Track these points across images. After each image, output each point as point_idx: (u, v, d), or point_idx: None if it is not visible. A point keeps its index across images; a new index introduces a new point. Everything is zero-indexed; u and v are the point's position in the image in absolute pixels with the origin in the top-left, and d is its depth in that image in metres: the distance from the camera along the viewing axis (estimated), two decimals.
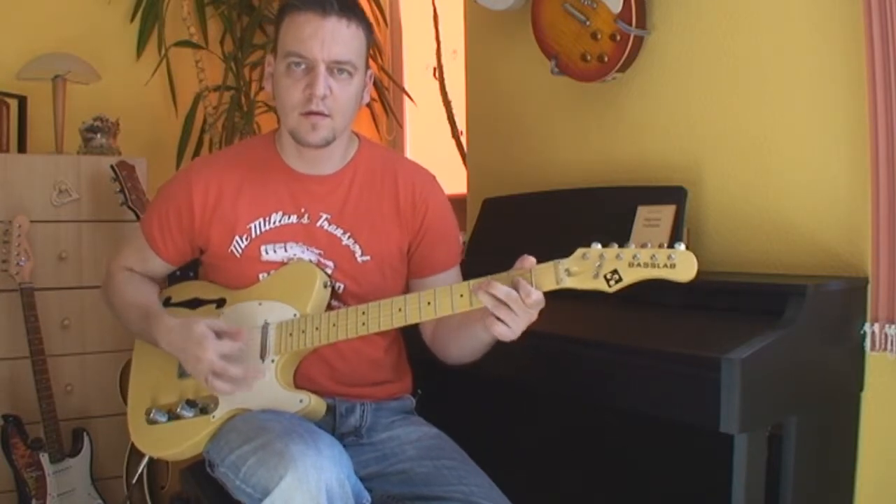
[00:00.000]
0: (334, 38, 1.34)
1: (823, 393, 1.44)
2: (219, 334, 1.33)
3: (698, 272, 1.15)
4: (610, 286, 1.17)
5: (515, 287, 1.21)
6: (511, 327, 1.23)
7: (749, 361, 1.22)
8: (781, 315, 1.33)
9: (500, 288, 1.21)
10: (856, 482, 1.51)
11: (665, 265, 1.14)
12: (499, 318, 1.22)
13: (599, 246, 1.18)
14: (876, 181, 1.43)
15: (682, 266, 1.13)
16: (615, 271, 1.16)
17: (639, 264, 1.15)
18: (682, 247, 1.14)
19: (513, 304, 1.21)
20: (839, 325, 1.45)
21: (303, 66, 1.36)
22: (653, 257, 1.15)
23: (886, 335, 1.41)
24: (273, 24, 3.08)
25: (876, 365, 1.47)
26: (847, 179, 1.54)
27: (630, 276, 1.16)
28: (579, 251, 1.20)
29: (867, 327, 1.45)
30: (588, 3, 1.87)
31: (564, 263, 1.20)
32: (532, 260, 1.23)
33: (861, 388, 1.49)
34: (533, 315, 1.23)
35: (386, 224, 1.48)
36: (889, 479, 1.49)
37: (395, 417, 1.52)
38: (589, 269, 1.18)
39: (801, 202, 1.62)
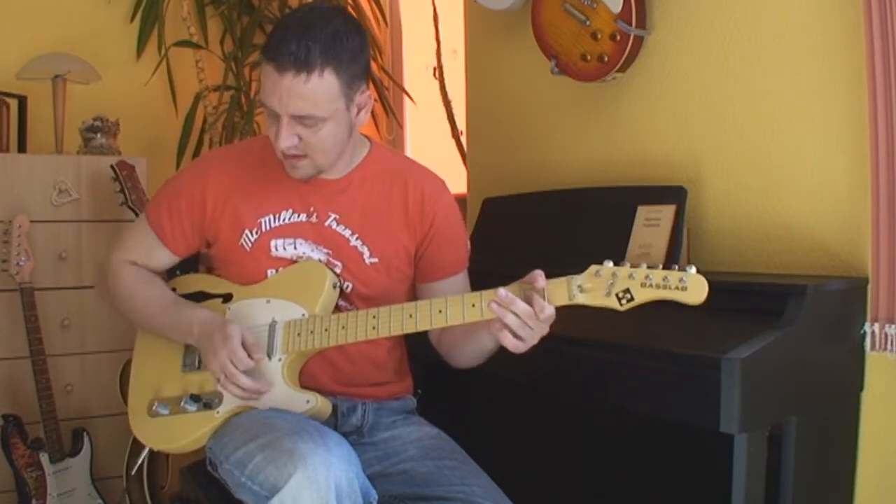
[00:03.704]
0: (290, 94, 1.29)
1: (823, 393, 1.44)
2: (244, 343, 1.34)
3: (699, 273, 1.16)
4: (621, 305, 1.19)
5: (529, 301, 1.22)
6: (523, 341, 1.24)
7: (749, 361, 1.22)
8: (781, 315, 1.34)
9: (515, 302, 1.22)
10: (856, 482, 1.51)
11: (677, 287, 1.16)
12: (512, 332, 1.23)
13: (611, 264, 1.20)
14: (876, 181, 1.43)
15: (694, 289, 1.16)
16: (627, 290, 1.19)
17: (651, 285, 1.18)
18: (693, 270, 1.16)
19: (526, 319, 1.22)
20: (839, 325, 1.45)
21: (272, 112, 1.33)
22: (665, 279, 1.17)
23: (886, 335, 1.42)
24: (273, 23, 3.08)
25: (876, 365, 1.47)
26: (847, 179, 1.54)
27: (641, 296, 1.18)
28: (592, 268, 1.22)
29: (867, 327, 1.45)
30: (588, 2, 1.87)
31: (577, 280, 1.22)
32: (543, 279, 1.23)
33: (861, 388, 1.49)
34: (545, 329, 1.25)
35: (394, 227, 1.48)
36: (889, 479, 1.49)
37: (396, 417, 1.52)
38: (601, 286, 1.20)
39: (801, 202, 1.62)
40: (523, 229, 2.04)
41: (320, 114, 1.32)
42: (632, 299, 1.19)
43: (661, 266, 1.19)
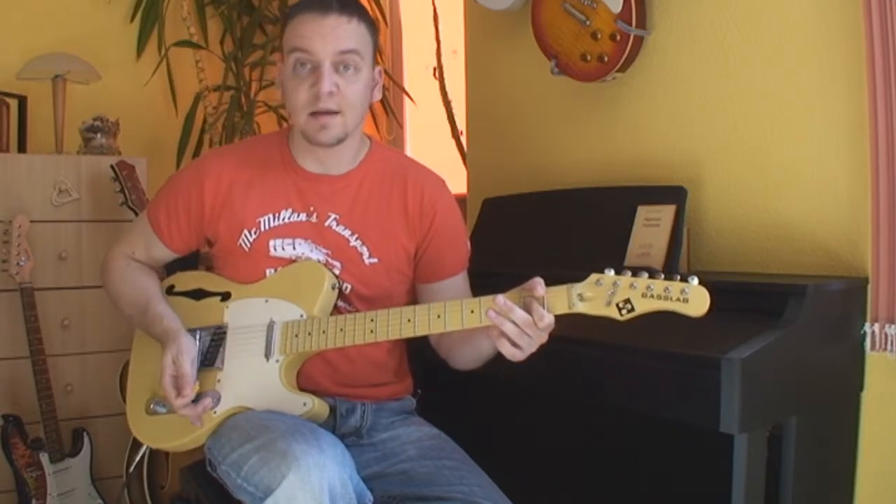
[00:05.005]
0: (335, 33, 1.35)
1: (823, 393, 1.44)
2: (175, 377, 1.36)
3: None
4: (622, 315, 1.18)
5: (528, 310, 1.21)
6: (521, 349, 1.23)
7: (749, 361, 1.22)
8: (781, 315, 1.33)
9: (513, 310, 1.21)
10: (856, 482, 1.51)
11: (678, 299, 1.15)
12: (509, 340, 1.23)
13: (613, 272, 1.19)
14: (876, 181, 1.43)
15: (695, 301, 1.14)
16: (628, 300, 1.17)
17: (652, 296, 1.16)
18: (695, 281, 1.15)
19: (525, 327, 1.21)
20: (839, 325, 1.45)
21: (308, 67, 1.35)
22: (666, 290, 1.16)
23: (886, 335, 1.41)
24: (273, 23, 3.09)
25: (876, 365, 1.47)
26: (847, 179, 1.54)
27: (642, 307, 1.17)
28: (593, 276, 1.20)
29: (867, 327, 1.45)
30: (588, 2, 1.87)
31: (578, 288, 1.21)
32: (542, 287, 1.23)
33: (861, 388, 1.49)
34: (543, 337, 1.24)
35: (394, 227, 1.48)
36: (889, 479, 1.49)
37: (395, 418, 1.52)
38: (602, 295, 1.19)
39: (801, 202, 1.62)
40: (523, 229, 2.03)
41: (362, 51, 1.38)
42: (632, 310, 1.17)
43: (662, 275, 1.17)
